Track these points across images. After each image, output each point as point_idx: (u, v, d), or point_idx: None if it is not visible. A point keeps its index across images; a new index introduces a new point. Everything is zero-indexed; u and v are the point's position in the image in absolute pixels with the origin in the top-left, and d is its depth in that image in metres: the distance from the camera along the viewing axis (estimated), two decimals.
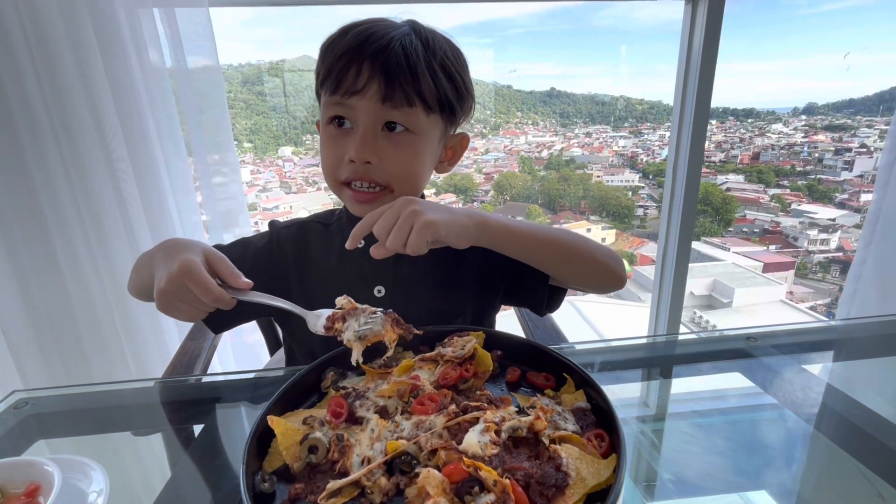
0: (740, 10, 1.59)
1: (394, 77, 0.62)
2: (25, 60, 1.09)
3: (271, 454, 0.46)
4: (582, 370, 0.53)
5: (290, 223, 0.80)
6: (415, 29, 0.66)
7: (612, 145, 7.54)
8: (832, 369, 0.77)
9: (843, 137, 6.20)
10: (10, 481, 0.43)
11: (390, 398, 0.51)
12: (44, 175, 1.18)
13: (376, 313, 0.56)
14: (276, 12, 1.36)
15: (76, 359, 1.33)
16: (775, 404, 0.64)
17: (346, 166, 0.66)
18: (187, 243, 0.58)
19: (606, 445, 0.45)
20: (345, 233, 0.74)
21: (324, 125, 0.68)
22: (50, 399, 0.66)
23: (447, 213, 0.58)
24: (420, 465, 0.43)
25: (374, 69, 0.62)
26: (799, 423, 0.61)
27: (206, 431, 0.59)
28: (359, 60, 0.62)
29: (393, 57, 0.62)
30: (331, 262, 0.75)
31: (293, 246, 0.76)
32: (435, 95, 0.65)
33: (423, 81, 0.63)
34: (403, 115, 0.64)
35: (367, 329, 0.54)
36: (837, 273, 6.04)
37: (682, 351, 0.80)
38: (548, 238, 0.66)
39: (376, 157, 0.64)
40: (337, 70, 0.63)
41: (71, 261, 1.25)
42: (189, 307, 0.55)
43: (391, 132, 0.65)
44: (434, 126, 0.68)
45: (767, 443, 0.59)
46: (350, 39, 0.63)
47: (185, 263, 0.53)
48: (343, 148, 0.65)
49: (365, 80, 0.62)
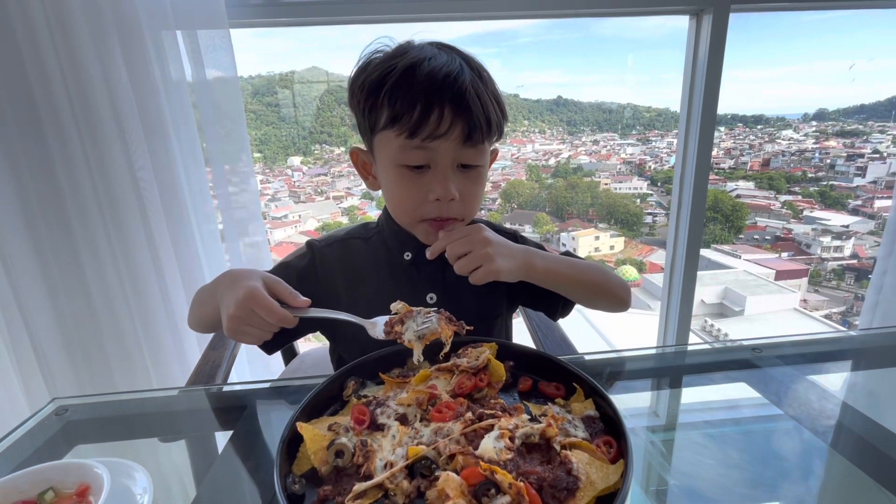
0: (746, 18, 1.62)
1: (474, 119, 0.65)
2: (56, 75, 1.15)
3: (300, 458, 0.49)
4: (591, 380, 0.55)
5: (329, 241, 0.83)
6: (463, 58, 0.69)
7: (619, 153, 7.53)
8: (849, 380, 0.78)
9: (855, 143, 6.13)
10: (61, 482, 0.47)
11: (409, 406, 0.54)
12: (72, 186, 1.23)
13: (430, 314, 0.60)
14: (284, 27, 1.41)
15: (101, 368, 1.37)
16: (785, 416, 0.65)
17: (429, 205, 0.69)
18: (246, 273, 0.64)
19: (615, 452, 0.47)
20: (388, 246, 0.80)
21: (393, 165, 0.69)
22: (87, 406, 0.70)
23: (510, 259, 0.67)
24: (439, 468, 0.46)
25: (457, 113, 0.64)
26: (810, 436, 0.62)
27: (235, 437, 0.62)
28: (440, 104, 0.64)
29: (470, 99, 0.65)
30: (382, 274, 0.79)
31: (339, 263, 0.80)
32: (496, 124, 0.70)
33: (492, 117, 0.68)
34: (477, 153, 0.69)
35: (426, 328, 0.59)
36: (852, 281, 5.95)
37: (690, 361, 0.82)
38: (580, 279, 0.76)
39: (458, 195, 0.69)
40: (416, 113, 0.64)
41: (96, 271, 1.30)
42: (257, 329, 0.60)
43: (465, 168, 0.69)
44: (490, 150, 0.73)
45: (778, 455, 0.60)
46: (423, 80, 0.64)
47: (249, 290, 0.58)
48: (424, 188, 0.68)
49: (448, 124, 0.64)
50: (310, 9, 1.36)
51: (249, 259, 1.48)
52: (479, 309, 0.80)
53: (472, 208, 0.74)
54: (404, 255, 0.78)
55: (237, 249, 1.47)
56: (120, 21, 1.16)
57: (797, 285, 6.06)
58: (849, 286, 6.02)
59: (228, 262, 1.50)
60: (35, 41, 1.12)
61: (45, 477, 0.47)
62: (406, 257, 0.78)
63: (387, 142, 0.68)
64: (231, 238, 1.47)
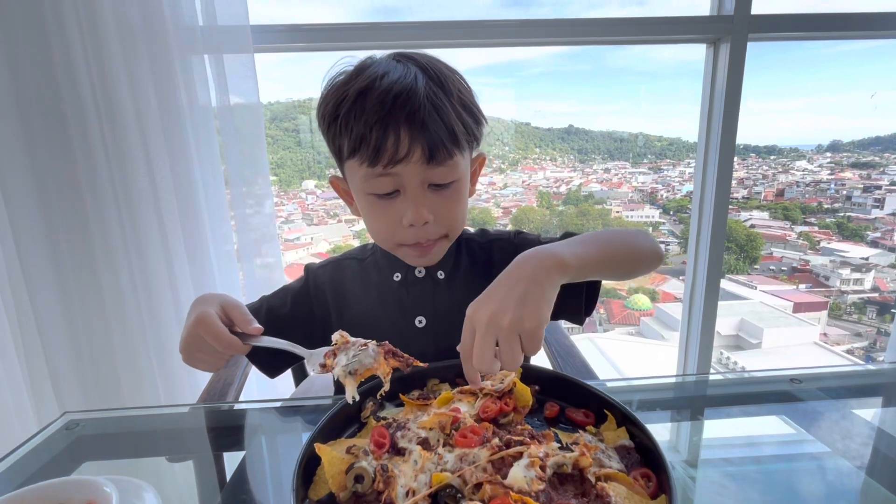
0: (758, 49, 1.64)
1: (434, 137, 0.60)
2: (88, 96, 1.18)
3: (316, 482, 0.47)
4: (624, 407, 0.52)
5: (325, 263, 0.82)
6: (420, 67, 0.63)
7: (631, 181, 7.54)
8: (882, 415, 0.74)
9: (872, 175, 6.07)
10: (69, 500, 0.45)
11: (431, 430, 0.52)
12: (95, 202, 1.25)
13: (367, 346, 0.53)
14: (304, 54, 1.45)
15: (110, 383, 1.36)
16: (834, 453, 0.60)
17: (404, 231, 0.65)
18: (208, 297, 0.61)
19: (654, 486, 0.44)
20: (380, 266, 0.78)
21: (363, 193, 0.66)
22: (98, 421, 0.68)
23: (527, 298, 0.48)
24: (465, 498, 0.43)
25: (414, 134, 0.59)
26: (856, 473, 0.58)
27: (248, 457, 0.59)
28: (395, 127, 0.59)
29: (427, 115, 0.60)
30: (370, 296, 0.77)
31: (330, 285, 0.79)
32: (464, 135, 0.65)
33: (457, 128, 0.62)
34: (447, 170, 0.63)
35: (356, 362, 0.52)
36: (874, 315, 5.77)
37: (723, 391, 0.78)
38: (614, 256, 0.62)
39: (432, 215, 0.64)
40: (372, 140, 0.59)
41: (114, 286, 1.31)
42: (208, 356, 0.58)
43: (437, 187, 0.65)
44: (465, 160, 0.68)
45: (822, 494, 0.57)
46: (375, 104, 0.59)
47: (199, 315, 0.56)
48: (395, 213, 0.64)
49: (407, 147, 0.60)
50: (330, 34, 1.40)
51: (263, 279, 1.48)
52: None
53: (453, 224, 0.69)
54: (394, 277, 0.75)
55: (251, 270, 1.47)
56: (151, 45, 1.21)
57: (816, 318, 5.88)
58: (871, 320, 5.83)
59: (242, 281, 1.50)
60: (71, 68, 1.16)
61: (52, 493, 0.45)
62: (395, 278, 0.75)
63: (353, 170, 0.65)
64: (246, 258, 1.48)
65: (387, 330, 0.73)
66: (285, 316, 0.77)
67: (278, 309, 0.77)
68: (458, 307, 0.74)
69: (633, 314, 5.77)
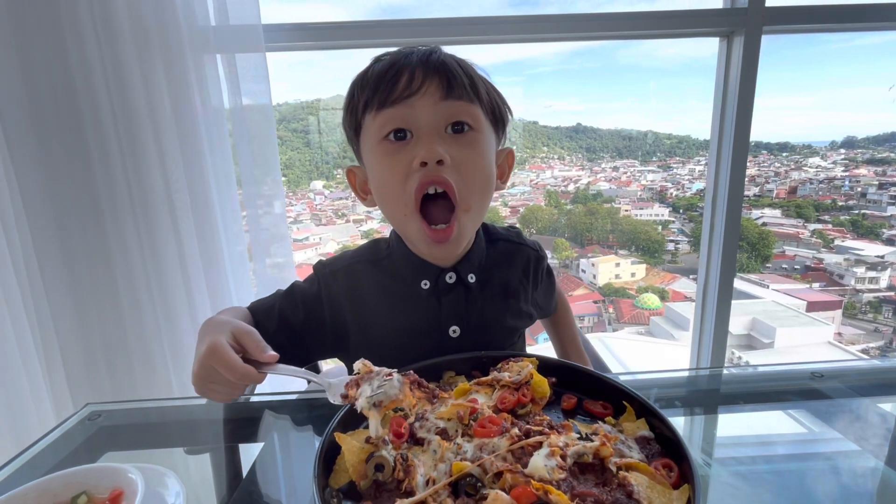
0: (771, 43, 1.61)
1: (451, 72, 0.60)
2: (103, 96, 1.20)
3: (336, 471, 0.47)
4: (643, 398, 0.52)
5: (335, 267, 0.75)
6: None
7: (640, 179, 7.48)
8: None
9: (888, 171, 5.96)
10: (94, 486, 0.46)
11: (450, 420, 0.52)
12: (110, 199, 1.27)
13: (392, 376, 0.51)
14: (312, 56, 1.46)
15: (126, 380, 1.38)
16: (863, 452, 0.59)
17: (414, 174, 0.60)
18: (219, 323, 0.58)
19: (676, 476, 0.44)
20: (402, 273, 0.71)
21: (377, 144, 0.63)
22: (120, 412, 0.69)
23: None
24: (485, 487, 0.43)
25: (428, 69, 0.60)
26: (882, 470, 0.57)
27: (267, 448, 0.60)
28: (408, 67, 0.60)
29: (446, 58, 0.62)
30: (397, 308, 0.71)
31: (346, 293, 0.73)
32: (487, 99, 0.64)
33: (477, 82, 0.63)
34: (467, 108, 0.61)
35: (381, 393, 0.49)
36: (891, 314, 5.66)
37: (744, 385, 0.77)
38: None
39: (448, 155, 0.60)
40: (386, 82, 0.60)
41: (128, 283, 1.32)
42: (223, 387, 0.55)
43: (456, 133, 0.62)
44: (491, 133, 0.66)
45: (847, 491, 0.55)
46: (389, 58, 0.62)
47: (211, 345, 0.53)
48: (408, 157, 0.60)
49: (420, 80, 0.59)
50: (339, 32, 1.40)
51: (274, 279, 1.49)
52: (504, 335, 0.75)
53: (472, 179, 0.62)
54: (422, 284, 0.70)
55: (263, 269, 1.49)
56: (164, 45, 1.22)
57: (830, 317, 5.79)
58: (887, 319, 5.73)
59: (253, 280, 1.51)
60: (86, 70, 1.18)
61: (78, 480, 0.46)
62: (424, 286, 0.70)
63: (368, 128, 0.64)
64: (257, 258, 1.49)
65: (422, 343, 0.70)
66: (298, 324, 0.73)
67: (291, 317, 0.73)
68: (493, 316, 0.72)
69: (643, 313, 5.72)
